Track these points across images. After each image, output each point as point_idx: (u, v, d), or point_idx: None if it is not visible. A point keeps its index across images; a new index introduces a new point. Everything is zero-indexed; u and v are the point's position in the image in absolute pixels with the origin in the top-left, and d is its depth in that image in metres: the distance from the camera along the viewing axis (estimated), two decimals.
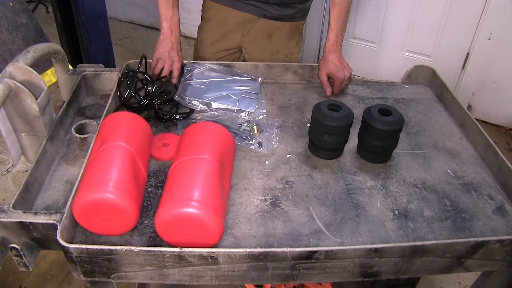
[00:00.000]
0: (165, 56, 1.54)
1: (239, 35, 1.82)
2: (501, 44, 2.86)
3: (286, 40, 1.84)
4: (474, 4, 2.83)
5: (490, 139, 1.31)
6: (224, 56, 1.88)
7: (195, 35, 1.93)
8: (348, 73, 1.58)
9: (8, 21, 1.72)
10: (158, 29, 4.13)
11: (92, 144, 1.18)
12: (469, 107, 3.19)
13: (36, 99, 1.16)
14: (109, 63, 2.79)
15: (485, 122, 3.20)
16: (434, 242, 1.01)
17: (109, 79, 1.54)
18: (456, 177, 1.26)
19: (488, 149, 1.31)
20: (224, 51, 1.87)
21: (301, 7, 1.77)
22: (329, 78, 1.59)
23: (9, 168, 1.24)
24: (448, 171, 1.29)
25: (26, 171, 1.23)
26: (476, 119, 1.40)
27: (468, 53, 3.00)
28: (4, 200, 1.15)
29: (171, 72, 1.55)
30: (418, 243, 1.00)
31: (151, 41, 4.02)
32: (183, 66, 1.61)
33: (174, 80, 1.55)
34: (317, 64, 1.62)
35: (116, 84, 1.44)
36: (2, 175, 1.22)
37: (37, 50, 1.26)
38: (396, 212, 1.14)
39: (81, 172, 1.09)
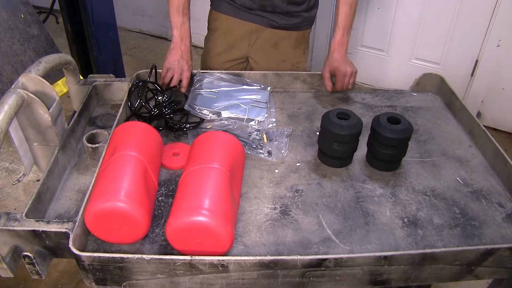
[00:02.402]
0: (174, 65, 1.55)
1: (246, 45, 1.83)
2: (510, 51, 2.85)
3: (292, 49, 1.85)
4: (482, 11, 2.82)
5: (499, 147, 1.30)
6: (231, 66, 1.88)
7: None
8: (351, 69, 1.58)
9: (20, 32, 1.74)
10: (167, 39, 4.19)
11: (103, 154, 1.19)
12: (479, 114, 3.17)
13: (48, 109, 1.17)
14: (119, 73, 2.81)
15: (495, 130, 3.18)
16: (443, 249, 1.01)
17: (119, 89, 1.55)
18: (465, 185, 1.26)
19: (498, 157, 1.30)
20: (231, 61, 1.88)
21: (307, 15, 1.79)
22: (332, 76, 1.59)
23: (20, 177, 1.26)
24: (458, 178, 1.28)
25: (38, 180, 1.24)
26: (486, 126, 1.39)
27: (477, 61, 2.99)
28: (15, 209, 1.17)
29: (180, 81, 1.56)
30: (427, 250, 1.00)
31: (160, 51, 4.05)
32: (193, 75, 1.62)
33: (183, 90, 1.56)
34: None
35: (126, 94, 1.45)
36: (13, 184, 1.24)
37: (48, 61, 1.28)
38: (406, 220, 1.14)
39: (93, 181, 1.10)
